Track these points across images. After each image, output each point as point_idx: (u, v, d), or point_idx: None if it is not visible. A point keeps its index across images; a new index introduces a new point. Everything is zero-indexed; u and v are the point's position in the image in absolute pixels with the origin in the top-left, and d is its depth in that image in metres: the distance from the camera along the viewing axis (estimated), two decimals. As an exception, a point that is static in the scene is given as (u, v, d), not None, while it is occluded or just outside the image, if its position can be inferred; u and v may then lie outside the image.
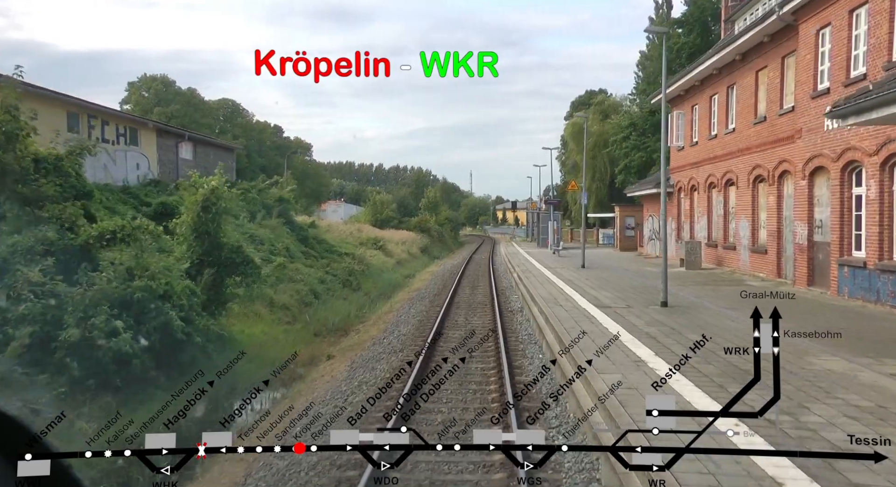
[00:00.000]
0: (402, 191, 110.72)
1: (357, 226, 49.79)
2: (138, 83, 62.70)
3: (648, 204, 33.81)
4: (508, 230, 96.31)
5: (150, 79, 62.58)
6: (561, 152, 66.44)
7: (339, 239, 36.93)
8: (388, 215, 58.54)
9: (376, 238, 42.27)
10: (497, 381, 10.16)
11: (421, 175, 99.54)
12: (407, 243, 49.41)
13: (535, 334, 13.94)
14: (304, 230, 29.32)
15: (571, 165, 62.31)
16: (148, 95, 62.64)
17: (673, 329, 11.30)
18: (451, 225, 79.21)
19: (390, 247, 42.41)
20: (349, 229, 44.08)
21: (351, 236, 41.11)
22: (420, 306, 20.37)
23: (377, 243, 39.81)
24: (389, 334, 15.70)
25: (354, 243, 38.83)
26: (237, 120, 77.74)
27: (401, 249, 44.39)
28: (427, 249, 54.48)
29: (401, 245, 45.73)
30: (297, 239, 27.85)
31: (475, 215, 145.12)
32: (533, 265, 28.03)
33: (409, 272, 35.57)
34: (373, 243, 39.59)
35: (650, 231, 33.56)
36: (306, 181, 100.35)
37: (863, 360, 8.54)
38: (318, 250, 28.28)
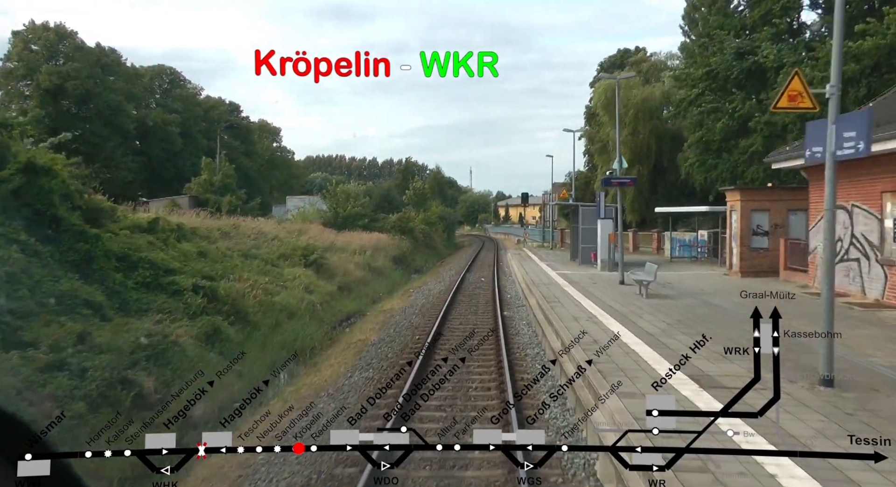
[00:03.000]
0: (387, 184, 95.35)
1: (301, 226, 34.30)
2: (25, 33, 46.94)
3: (818, 187, 17.13)
4: (513, 230, 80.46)
5: (41, 28, 46.84)
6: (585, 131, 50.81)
7: (230, 250, 21.47)
8: (353, 211, 42.99)
9: (317, 247, 26.79)
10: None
11: (409, 166, 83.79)
12: (374, 251, 33.94)
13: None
14: (95, 240, 13.43)
15: (601, 146, 46.73)
16: (37, 48, 46.93)
17: None
18: (443, 224, 63.62)
19: (337, 260, 26.93)
20: (277, 232, 28.54)
21: (270, 242, 25.62)
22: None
23: (310, 256, 24.29)
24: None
25: (270, 255, 23.40)
26: (175, 92, 62.02)
27: (355, 263, 28.91)
28: (405, 258, 38.98)
29: (358, 256, 30.26)
30: (62, 263, 12.28)
31: (474, 212, 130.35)
32: (637, 351, 12.30)
33: (344, 314, 20.13)
34: (303, 257, 24.09)
35: (828, 241, 18.12)
36: (274, 172, 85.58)
37: None
38: (113, 283, 12.67)
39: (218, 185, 45.00)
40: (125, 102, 50.93)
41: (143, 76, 57.87)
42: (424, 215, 58.00)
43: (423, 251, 47.66)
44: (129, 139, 54.63)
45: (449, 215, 69.56)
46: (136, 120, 53.65)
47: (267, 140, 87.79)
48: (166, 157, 58.42)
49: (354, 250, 31.03)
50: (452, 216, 75.39)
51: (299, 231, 31.93)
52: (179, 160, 59.81)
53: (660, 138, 43.21)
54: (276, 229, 29.54)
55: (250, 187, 69.00)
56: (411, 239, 46.22)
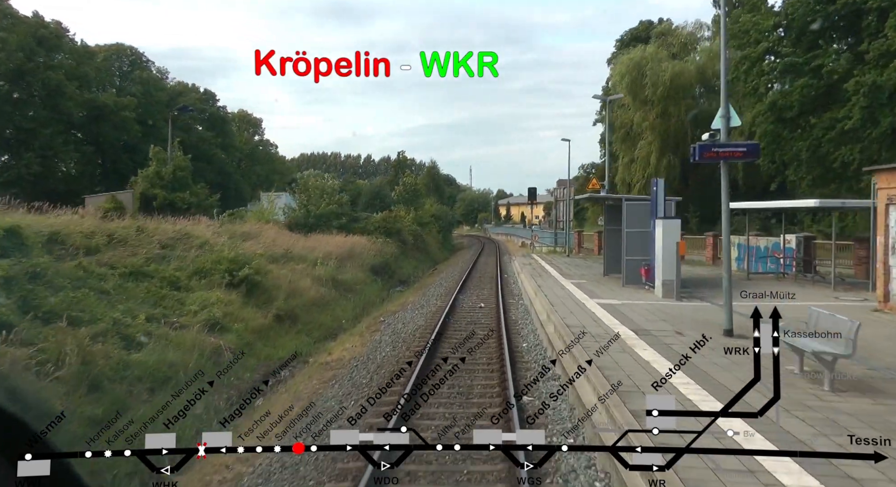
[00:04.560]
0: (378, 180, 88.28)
1: (253, 228, 27.16)
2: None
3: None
4: (516, 231, 73.14)
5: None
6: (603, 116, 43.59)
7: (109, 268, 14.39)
8: (327, 209, 35.88)
9: (255, 257, 19.71)
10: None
11: (402, 160, 76.48)
12: (345, 259, 26.92)
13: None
14: None
15: (623, 132, 39.53)
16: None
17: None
18: (438, 224, 56.45)
19: (284, 275, 19.85)
20: (212, 236, 21.41)
21: (191, 251, 18.49)
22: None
23: (238, 272, 17.15)
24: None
25: (178, 272, 16.35)
26: (135, 74, 54.81)
27: (314, 276, 21.81)
28: (387, 267, 31.87)
29: (320, 267, 23.14)
30: None
31: (473, 211, 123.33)
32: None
33: (272, 363, 12.90)
34: (227, 274, 16.95)
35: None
36: (255, 167, 78.48)
37: None
38: None
39: (168, 178, 37.93)
40: (67, 83, 43.69)
41: (95, 55, 50.56)
42: (416, 215, 50.86)
43: (412, 257, 40.53)
44: (75, 126, 47.46)
45: (445, 213, 62.28)
46: (83, 104, 46.41)
47: (248, 132, 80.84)
48: (124, 148, 51.26)
49: (317, 260, 23.92)
50: (449, 215, 68.08)
51: (245, 235, 24.84)
52: (139, 152, 52.63)
53: (695, 122, 36.08)
54: (210, 233, 22.42)
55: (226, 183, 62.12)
56: (398, 242, 39.12)
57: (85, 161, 48.70)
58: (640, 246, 16.11)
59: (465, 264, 35.44)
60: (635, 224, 16.37)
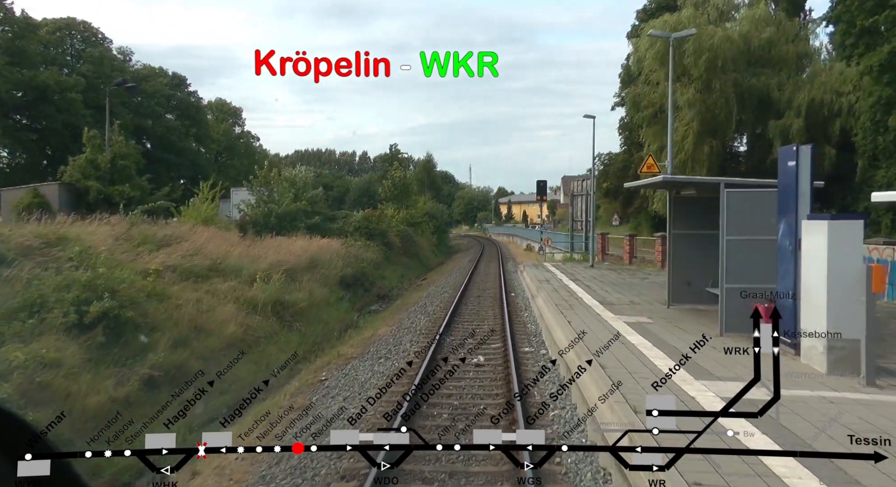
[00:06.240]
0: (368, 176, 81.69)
1: (182, 229, 20.59)
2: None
3: None
4: (519, 231, 66.47)
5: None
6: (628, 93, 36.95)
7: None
8: (293, 207, 29.41)
9: (132, 281, 13.25)
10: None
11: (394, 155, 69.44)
12: (306, 269, 20.54)
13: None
14: None
15: (650, 114, 32.95)
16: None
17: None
18: (433, 224, 49.94)
19: (190, 302, 13.34)
20: (99, 243, 14.89)
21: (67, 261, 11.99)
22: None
23: (88, 308, 10.66)
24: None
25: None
26: (87, 52, 48.19)
27: (245, 300, 15.32)
28: (363, 278, 25.36)
29: (258, 287, 16.60)
30: None
31: (473, 209, 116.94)
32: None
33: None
34: (74, 309, 10.45)
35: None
36: (233, 160, 71.89)
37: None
38: None
39: (105, 168, 31.49)
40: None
41: (38, 28, 43.96)
42: (406, 213, 44.37)
43: (398, 263, 34.06)
44: (12, 108, 40.97)
45: (441, 212, 55.65)
46: (20, 84, 39.90)
47: (227, 123, 74.23)
48: (72, 135, 44.74)
49: (256, 274, 17.37)
50: (445, 214, 61.47)
51: (165, 240, 18.33)
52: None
53: (741, 100, 29.59)
54: (107, 238, 15.93)
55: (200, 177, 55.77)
56: (382, 246, 32.63)
57: (21, 148, 42.18)
58: (748, 264, 9.39)
59: (460, 276, 28.90)
60: (741, 227, 9.62)
